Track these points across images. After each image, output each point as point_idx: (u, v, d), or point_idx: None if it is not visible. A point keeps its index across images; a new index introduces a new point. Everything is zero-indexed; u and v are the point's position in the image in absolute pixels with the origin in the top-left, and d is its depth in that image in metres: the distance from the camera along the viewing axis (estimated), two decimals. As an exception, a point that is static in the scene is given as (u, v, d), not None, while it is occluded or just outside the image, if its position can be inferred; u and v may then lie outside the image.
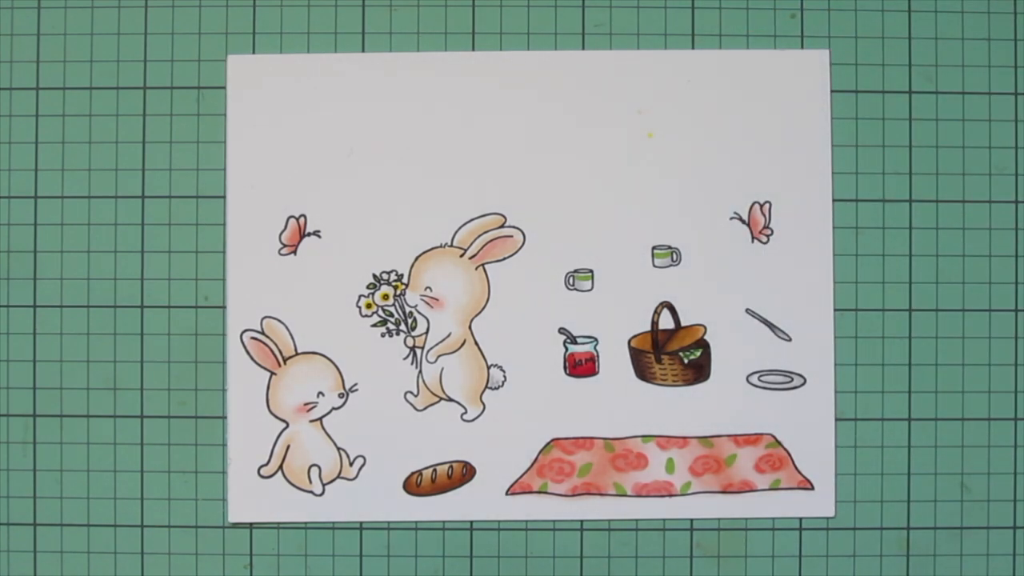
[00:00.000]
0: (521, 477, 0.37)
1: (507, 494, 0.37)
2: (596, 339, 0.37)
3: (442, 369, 0.37)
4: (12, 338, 0.37)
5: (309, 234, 0.37)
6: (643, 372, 0.37)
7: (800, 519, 0.37)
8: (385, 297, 0.37)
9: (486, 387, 0.37)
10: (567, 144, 0.37)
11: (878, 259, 0.37)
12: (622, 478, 0.37)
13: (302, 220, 0.37)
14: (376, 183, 0.37)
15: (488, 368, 0.37)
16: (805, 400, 0.37)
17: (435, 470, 0.37)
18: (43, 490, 0.37)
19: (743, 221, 0.37)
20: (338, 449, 0.37)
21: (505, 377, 0.37)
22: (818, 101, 0.37)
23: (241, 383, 0.37)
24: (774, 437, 0.37)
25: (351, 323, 0.37)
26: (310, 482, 0.37)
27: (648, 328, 0.37)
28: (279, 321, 0.37)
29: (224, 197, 0.37)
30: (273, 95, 0.37)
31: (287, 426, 0.37)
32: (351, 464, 0.37)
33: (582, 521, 0.37)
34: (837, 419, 0.37)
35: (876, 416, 0.37)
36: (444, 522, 0.37)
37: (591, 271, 0.37)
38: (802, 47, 0.37)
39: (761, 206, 0.37)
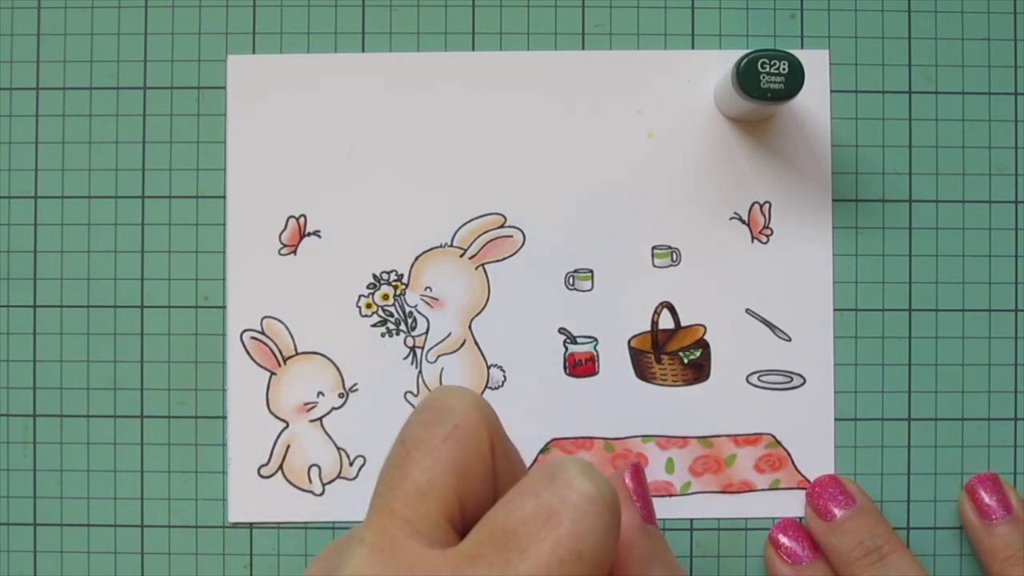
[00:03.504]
0: (521, 477, 0.37)
1: (507, 494, 0.37)
2: (596, 339, 0.37)
3: (442, 369, 0.37)
4: (12, 338, 0.37)
5: (309, 234, 0.37)
6: (643, 372, 0.37)
7: (800, 518, 0.37)
8: (385, 297, 0.37)
9: (486, 387, 0.37)
10: (567, 144, 0.37)
11: (878, 259, 0.37)
12: (622, 478, 0.37)
13: (302, 220, 0.37)
14: (376, 183, 0.37)
15: (488, 368, 0.37)
16: (805, 400, 0.37)
17: (435, 470, 0.37)
18: (43, 490, 0.37)
19: (743, 221, 0.37)
20: (338, 449, 0.37)
21: (505, 377, 0.37)
22: (818, 101, 0.37)
23: (241, 383, 0.37)
24: (774, 437, 0.37)
25: (351, 323, 0.37)
26: (310, 482, 0.37)
27: (648, 328, 0.37)
28: (279, 321, 0.37)
29: (224, 197, 0.37)
30: (273, 95, 0.37)
31: (287, 426, 0.37)
32: (351, 464, 0.37)
33: (582, 521, 0.37)
34: (837, 419, 0.37)
35: (876, 416, 0.37)
36: (444, 522, 0.37)
37: (591, 271, 0.37)
38: (802, 47, 0.37)
39: (761, 206, 0.37)
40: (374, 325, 0.37)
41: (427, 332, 0.37)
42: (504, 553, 0.20)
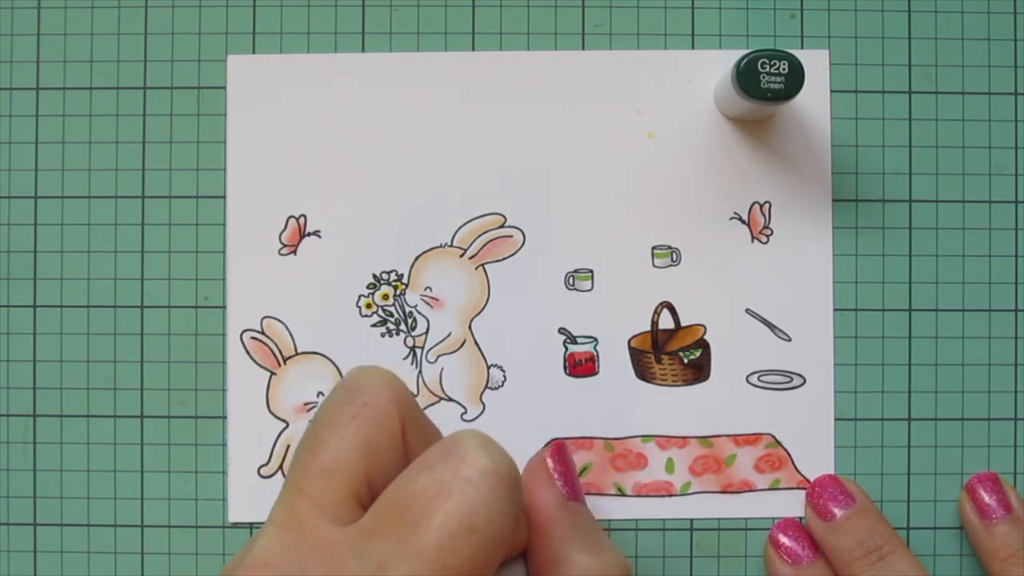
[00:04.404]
0: (521, 477, 0.37)
1: (507, 494, 0.37)
2: (596, 339, 0.37)
3: (442, 369, 0.37)
4: (12, 338, 0.37)
5: (309, 234, 0.37)
6: (643, 372, 0.37)
7: (800, 518, 0.37)
8: (385, 297, 0.37)
9: (486, 387, 0.37)
10: (567, 144, 0.37)
11: (878, 259, 0.37)
12: (622, 478, 0.37)
13: (302, 220, 0.37)
14: (376, 183, 0.37)
15: (488, 368, 0.37)
16: (805, 400, 0.37)
17: (435, 470, 0.37)
18: (43, 490, 0.37)
19: (743, 221, 0.37)
20: (338, 449, 0.37)
21: (505, 377, 0.37)
22: (818, 101, 0.37)
23: (241, 383, 0.37)
24: (774, 437, 0.37)
25: (351, 323, 0.37)
26: (310, 482, 0.37)
27: (648, 328, 0.37)
28: (279, 321, 0.37)
29: (224, 197, 0.37)
30: (273, 95, 0.37)
31: (287, 426, 0.37)
32: (351, 464, 0.37)
33: (582, 521, 0.37)
34: (837, 419, 0.37)
35: (876, 416, 0.37)
36: (444, 522, 0.37)
37: (591, 271, 0.37)
38: (802, 47, 0.37)
39: (761, 206, 0.37)
40: (374, 325, 0.37)
41: (427, 332, 0.37)
42: (398, 527, 0.20)
